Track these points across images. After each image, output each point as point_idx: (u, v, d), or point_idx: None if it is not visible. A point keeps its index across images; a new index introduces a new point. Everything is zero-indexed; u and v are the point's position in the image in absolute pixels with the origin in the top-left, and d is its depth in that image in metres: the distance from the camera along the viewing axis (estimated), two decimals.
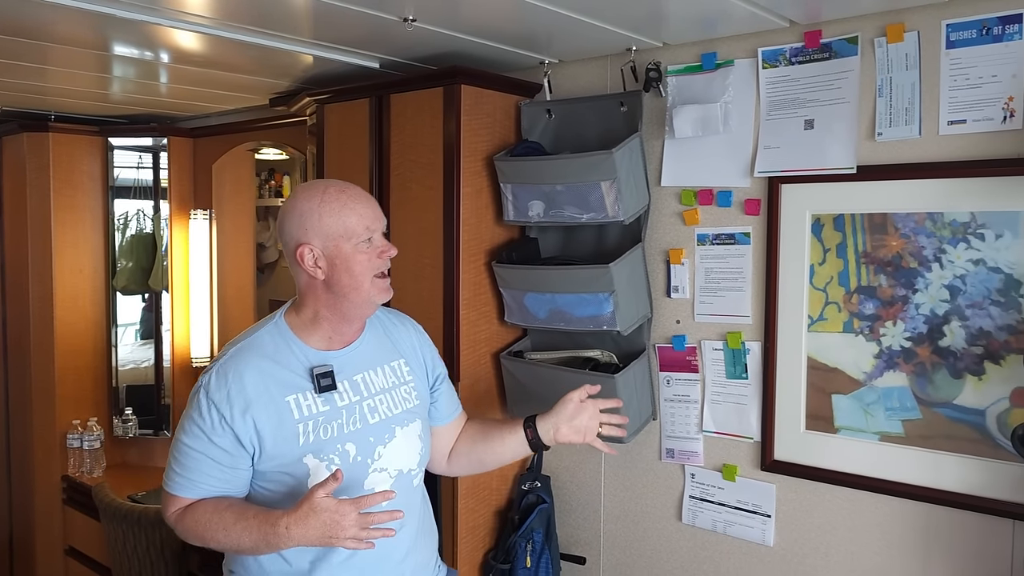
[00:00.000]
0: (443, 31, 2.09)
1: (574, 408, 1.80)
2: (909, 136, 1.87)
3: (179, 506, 1.58)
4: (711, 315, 2.19)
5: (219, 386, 1.55)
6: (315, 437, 1.56)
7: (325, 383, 1.59)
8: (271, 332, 1.63)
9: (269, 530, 1.46)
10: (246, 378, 1.55)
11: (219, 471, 1.55)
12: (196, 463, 1.55)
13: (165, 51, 2.43)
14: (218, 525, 1.52)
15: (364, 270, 1.59)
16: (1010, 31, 1.74)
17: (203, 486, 1.56)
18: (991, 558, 1.82)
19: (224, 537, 1.51)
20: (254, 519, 1.49)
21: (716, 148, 2.15)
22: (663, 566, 2.33)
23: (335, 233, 1.57)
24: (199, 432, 1.54)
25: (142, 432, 3.68)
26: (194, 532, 1.56)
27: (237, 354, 1.59)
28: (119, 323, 3.71)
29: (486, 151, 2.35)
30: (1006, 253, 1.77)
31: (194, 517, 1.55)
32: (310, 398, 1.58)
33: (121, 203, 3.68)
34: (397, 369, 1.74)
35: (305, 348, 1.62)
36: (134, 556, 2.84)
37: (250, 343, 1.61)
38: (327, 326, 1.64)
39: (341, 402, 1.61)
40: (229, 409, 1.53)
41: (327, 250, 1.58)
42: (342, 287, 1.59)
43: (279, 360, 1.59)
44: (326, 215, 1.58)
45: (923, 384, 1.88)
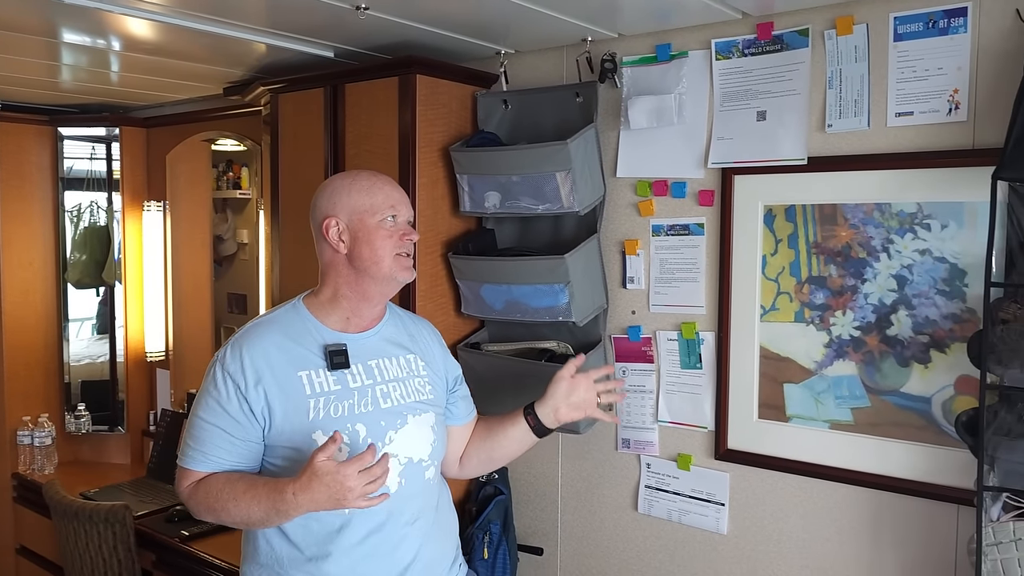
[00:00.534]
0: (397, 20, 2.07)
1: (568, 386, 1.84)
2: (858, 128, 1.89)
3: (192, 479, 1.59)
4: (666, 306, 2.21)
5: (233, 358, 1.58)
6: (325, 414, 1.57)
7: (338, 360, 1.62)
8: (288, 312, 1.68)
9: (277, 497, 1.47)
10: (259, 351, 1.59)
11: (231, 444, 1.57)
12: (210, 436, 1.57)
13: (116, 38, 2.38)
14: (229, 496, 1.53)
15: (385, 245, 1.64)
16: (955, 24, 1.77)
17: (216, 459, 1.58)
18: (937, 542, 1.85)
19: (234, 508, 1.53)
20: (263, 487, 1.50)
21: (670, 139, 2.16)
22: (619, 555, 2.34)
23: (361, 208, 1.64)
24: (214, 404, 1.57)
25: (96, 428, 3.61)
26: (205, 504, 1.57)
27: (253, 329, 1.63)
28: (72, 317, 3.64)
29: (442, 142, 2.33)
30: (951, 243, 1.80)
31: (206, 489, 1.57)
32: (322, 375, 1.60)
33: (74, 195, 3.60)
34: (412, 362, 1.76)
35: (321, 327, 1.65)
36: (86, 554, 2.78)
37: (267, 319, 1.66)
38: (346, 305, 1.67)
39: (354, 383, 1.63)
40: (243, 380, 1.56)
41: (351, 224, 1.64)
42: (363, 261, 1.63)
43: (294, 337, 1.62)
44: (355, 192, 1.65)
45: (871, 372, 1.91)
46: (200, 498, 1.58)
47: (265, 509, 1.49)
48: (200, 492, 1.58)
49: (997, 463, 1.61)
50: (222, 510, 1.55)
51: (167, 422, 3.38)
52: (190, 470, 1.60)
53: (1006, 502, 1.61)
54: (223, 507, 1.54)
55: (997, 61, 1.73)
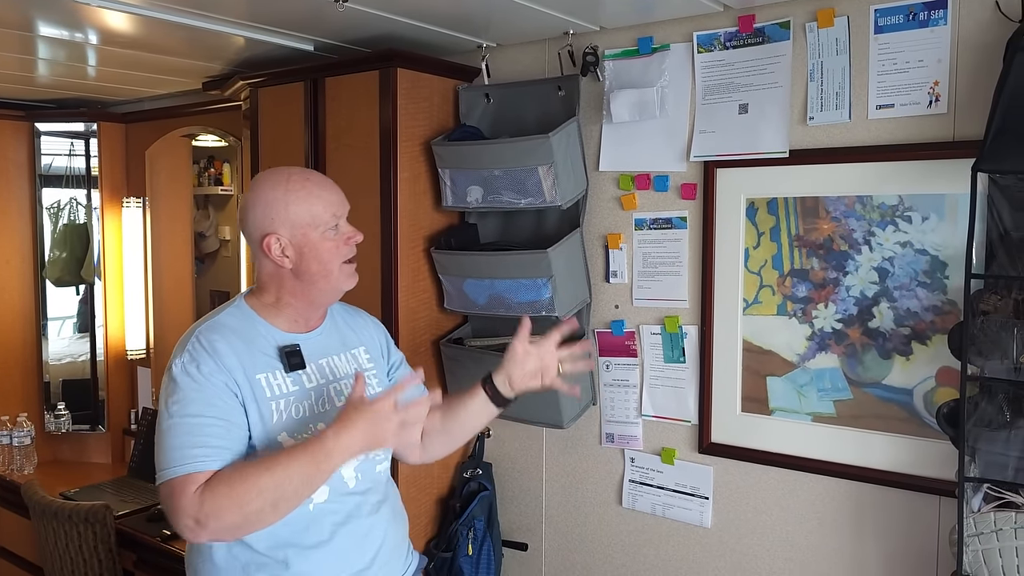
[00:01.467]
0: (377, 12, 2.05)
1: (521, 355, 1.76)
2: (839, 120, 1.89)
3: (198, 484, 1.40)
4: (649, 299, 2.20)
5: (199, 355, 1.49)
6: (287, 416, 1.54)
7: (295, 361, 1.58)
8: (233, 314, 1.60)
9: (316, 448, 1.41)
10: (221, 350, 1.50)
11: (229, 431, 1.46)
12: (209, 430, 1.44)
13: (93, 32, 2.34)
14: (257, 469, 1.39)
15: (333, 257, 1.59)
16: (935, 16, 1.77)
17: (222, 451, 1.44)
18: (919, 533, 1.86)
19: (269, 479, 1.38)
20: (296, 449, 1.42)
21: (653, 133, 2.15)
22: (604, 550, 2.34)
23: (302, 222, 1.56)
24: (197, 397, 1.45)
25: (76, 427, 3.57)
26: (227, 495, 1.38)
27: (205, 332, 1.54)
28: (52, 316, 3.59)
29: (423, 136, 2.32)
30: (932, 235, 1.80)
31: (223, 478, 1.40)
32: (280, 377, 1.56)
33: (53, 191, 3.55)
34: (358, 356, 1.74)
35: (272, 329, 1.61)
36: (66, 555, 2.75)
37: (216, 323, 1.57)
38: (291, 311, 1.63)
39: (309, 383, 1.60)
40: (219, 370, 1.48)
41: (295, 239, 1.57)
42: (311, 275, 1.59)
43: (246, 339, 1.56)
44: (292, 204, 1.56)
45: (853, 365, 1.91)
46: (220, 492, 1.38)
47: (305, 468, 1.39)
48: (217, 486, 1.39)
49: (978, 454, 1.62)
50: (252, 489, 1.37)
51: (148, 421, 3.34)
52: (196, 473, 1.40)
53: (987, 493, 1.62)
54: (253, 484, 1.37)
55: (977, 53, 1.73)
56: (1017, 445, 1.58)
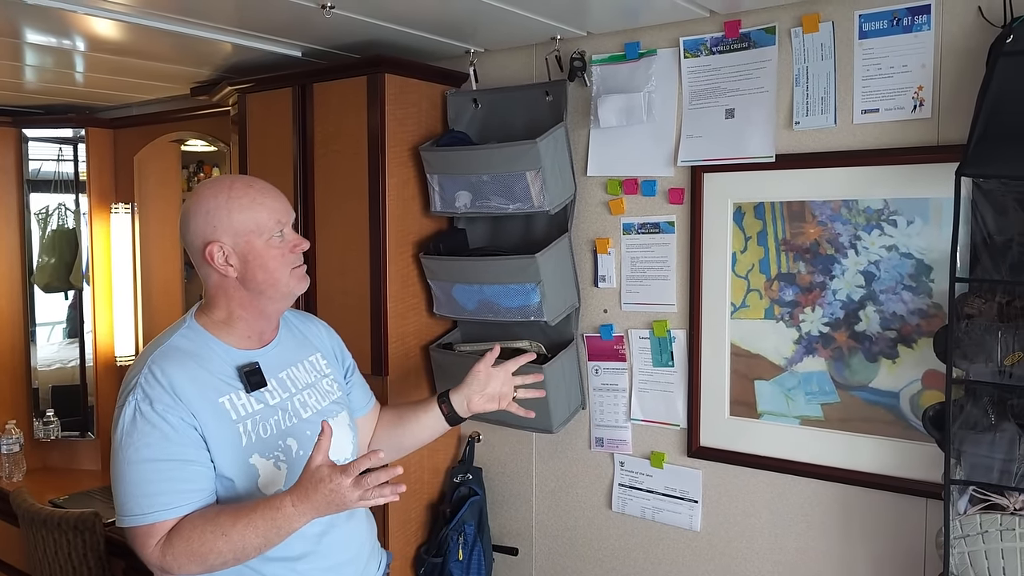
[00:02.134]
0: (363, 18, 2.05)
1: (484, 377, 1.81)
2: (825, 125, 1.90)
3: (161, 535, 1.40)
4: (637, 304, 2.21)
5: (152, 390, 1.44)
6: (256, 436, 1.51)
7: (255, 380, 1.54)
8: (186, 336, 1.55)
9: (277, 515, 1.39)
10: (176, 380, 1.45)
11: (196, 472, 1.43)
12: (169, 473, 1.41)
13: (81, 39, 2.33)
14: (214, 533, 1.39)
15: (279, 265, 1.55)
16: (919, 22, 1.78)
17: (186, 497, 1.42)
18: (907, 535, 1.87)
19: (225, 543, 1.39)
20: (254, 511, 1.40)
21: (640, 138, 2.16)
22: (594, 554, 2.34)
23: (245, 229, 1.52)
24: (157, 440, 1.41)
25: (66, 434, 3.55)
26: (187, 553, 1.39)
27: (158, 360, 1.48)
28: (41, 322, 3.57)
29: (412, 141, 2.32)
30: (917, 239, 1.81)
31: (183, 536, 1.40)
32: (243, 397, 1.52)
33: (42, 197, 3.53)
34: (316, 363, 1.72)
35: (227, 348, 1.56)
36: (55, 563, 2.74)
37: (166, 349, 1.51)
38: (243, 326, 1.58)
39: (273, 400, 1.57)
40: (175, 405, 1.43)
41: (238, 247, 1.53)
42: (257, 283, 1.55)
43: (202, 362, 1.51)
44: (235, 211, 1.52)
45: (840, 368, 1.92)
46: (180, 550, 1.39)
47: (264, 532, 1.39)
48: (177, 543, 1.40)
49: (963, 457, 1.63)
50: (211, 552, 1.39)
51: None
52: (159, 523, 1.40)
53: (973, 495, 1.63)
54: (211, 547, 1.39)
55: (960, 58, 1.74)
56: (1002, 447, 1.59)
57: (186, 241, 1.57)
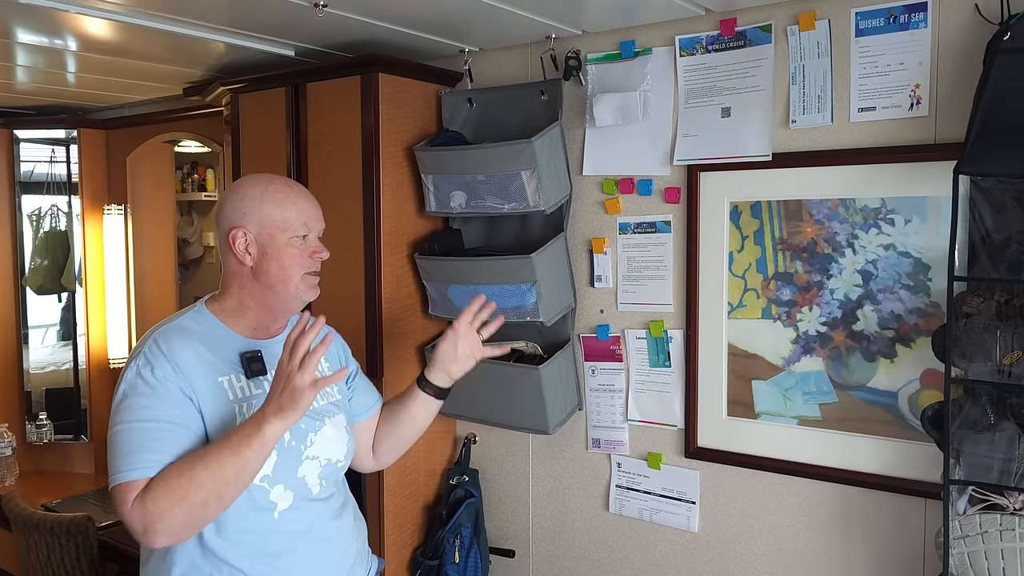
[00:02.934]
0: (357, 17, 2.03)
1: (449, 345, 1.77)
2: (822, 123, 1.89)
3: (138, 490, 1.38)
4: (634, 304, 2.19)
5: (155, 358, 1.46)
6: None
7: (256, 367, 1.56)
8: (194, 318, 1.58)
9: (246, 427, 1.39)
10: (179, 353, 1.47)
11: (184, 435, 1.43)
12: (160, 434, 1.41)
13: (73, 38, 2.32)
14: (192, 462, 1.37)
15: (294, 264, 1.57)
16: (916, 19, 1.77)
17: (168, 458, 1.40)
18: (906, 535, 1.86)
19: (203, 470, 1.36)
20: (227, 436, 1.40)
21: (636, 137, 2.15)
22: (591, 556, 2.33)
23: (272, 222, 1.55)
24: (151, 402, 1.42)
25: (59, 437, 3.53)
26: (167, 493, 1.36)
27: (164, 335, 1.51)
28: (34, 324, 3.55)
29: (406, 141, 2.30)
30: (915, 238, 1.80)
31: (161, 476, 1.37)
32: (242, 380, 1.54)
33: (34, 199, 3.51)
34: (319, 364, 1.70)
35: (232, 334, 1.58)
36: (48, 567, 2.72)
37: (173, 326, 1.54)
38: (251, 316, 1.61)
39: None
40: (174, 375, 1.45)
41: (260, 237, 1.56)
42: (269, 277, 1.57)
43: (205, 343, 1.53)
44: (267, 203, 1.56)
45: (838, 368, 1.91)
46: (159, 492, 1.36)
47: (235, 448, 1.37)
48: (156, 486, 1.37)
49: (963, 456, 1.62)
50: (191, 484, 1.36)
51: None
52: (139, 480, 1.38)
53: (972, 495, 1.62)
54: (190, 478, 1.36)
55: (957, 55, 1.73)
56: (1001, 447, 1.58)
57: (216, 223, 1.60)
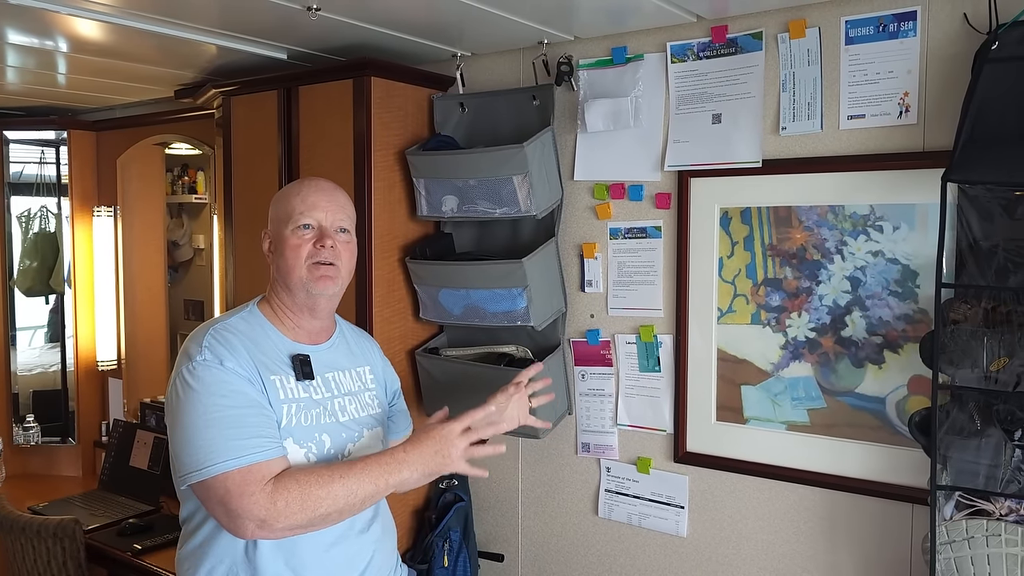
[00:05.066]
0: (350, 21, 2.04)
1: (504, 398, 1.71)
2: (811, 130, 1.91)
3: (263, 478, 1.38)
4: (624, 309, 2.20)
5: (219, 351, 1.47)
6: (297, 421, 1.52)
7: (306, 370, 1.58)
8: (245, 319, 1.60)
9: (389, 459, 1.47)
10: (238, 348, 1.50)
11: (270, 419, 1.46)
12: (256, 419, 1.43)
13: (63, 40, 2.31)
14: (331, 475, 1.41)
15: (295, 254, 1.58)
16: (905, 28, 1.79)
17: (276, 442, 1.43)
18: (892, 540, 1.87)
19: (340, 487, 1.41)
20: (369, 458, 1.47)
21: (627, 142, 2.15)
22: (580, 560, 2.33)
23: (278, 217, 1.62)
24: (237, 390, 1.44)
25: (46, 440, 3.51)
26: (301, 496, 1.38)
27: (220, 331, 1.52)
28: (22, 326, 3.54)
29: (398, 145, 2.30)
30: (903, 245, 1.82)
31: (297, 479, 1.40)
32: (292, 382, 1.55)
33: (24, 200, 3.50)
34: (363, 375, 1.73)
35: (281, 337, 1.61)
36: (34, 570, 2.70)
37: (226, 324, 1.56)
38: (289, 317, 1.63)
39: (316, 395, 1.59)
40: (240, 366, 1.47)
41: (273, 234, 1.64)
42: (280, 271, 1.61)
43: (257, 342, 1.55)
44: (278, 201, 1.64)
45: (827, 373, 1.92)
46: (293, 493, 1.38)
47: (374, 477, 1.44)
48: (291, 486, 1.38)
49: (950, 462, 1.63)
50: (325, 495, 1.39)
51: (119, 433, 3.29)
52: (259, 464, 1.38)
53: (959, 501, 1.63)
54: (327, 490, 1.39)
55: (945, 64, 1.75)
56: (988, 453, 1.59)
57: None
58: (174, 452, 1.45)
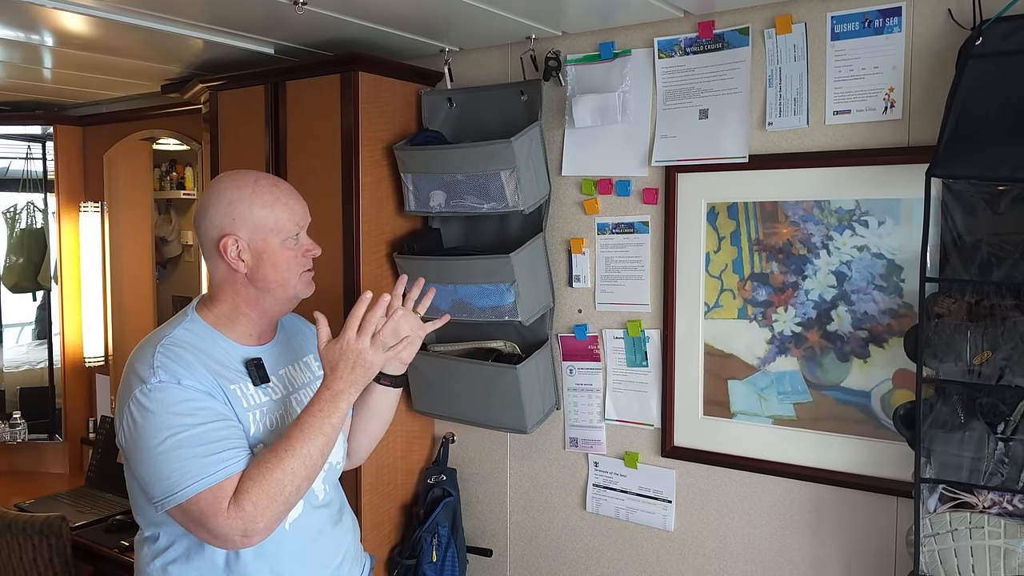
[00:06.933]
0: (336, 15, 2.03)
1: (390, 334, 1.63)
2: (798, 126, 1.91)
3: (228, 495, 1.35)
4: (612, 304, 2.21)
5: (173, 369, 1.40)
6: (263, 427, 1.51)
7: (262, 374, 1.54)
8: (189, 329, 1.51)
9: (321, 407, 1.43)
10: (191, 363, 1.44)
11: (237, 430, 1.42)
12: (221, 432, 1.39)
13: (49, 34, 2.29)
14: (279, 456, 1.37)
15: (291, 267, 1.55)
16: (890, 24, 1.80)
17: (242, 453, 1.40)
18: (877, 533, 1.88)
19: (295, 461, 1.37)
20: (299, 420, 1.42)
21: (615, 137, 2.16)
22: (568, 555, 2.34)
23: (265, 226, 1.51)
24: (199, 408, 1.39)
25: (33, 437, 3.50)
26: (264, 490, 1.35)
27: (167, 347, 1.45)
28: (8, 322, 3.53)
29: (386, 140, 2.30)
30: (888, 239, 1.83)
31: (252, 478, 1.36)
32: (250, 388, 1.51)
33: (10, 196, 3.48)
34: (310, 364, 1.71)
35: (230, 342, 1.54)
36: (20, 567, 2.68)
37: (172, 339, 1.47)
38: (247, 322, 1.57)
39: (275, 395, 1.57)
40: (197, 381, 1.42)
41: (254, 243, 1.51)
42: (267, 283, 1.53)
43: (208, 353, 1.49)
44: (257, 207, 1.51)
45: (813, 368, 1.93)
46: (255, 492, 1.35)
47: (317, 428, 1.40)
48: (251, 488, 1.35)
49: (933, 455, 1.64)
50: (285, 476, 1.36)
51: (107, 430, 3.28)
52: (227, 481, 1.35)
53: (942, 493, 1.64)
54: (285, 471, 1.36)
55: (930, 60, 1.76)
56: (971, 446, 1.60)
57: (200, 230, 1.54)
58: (142, 479, 1.40)
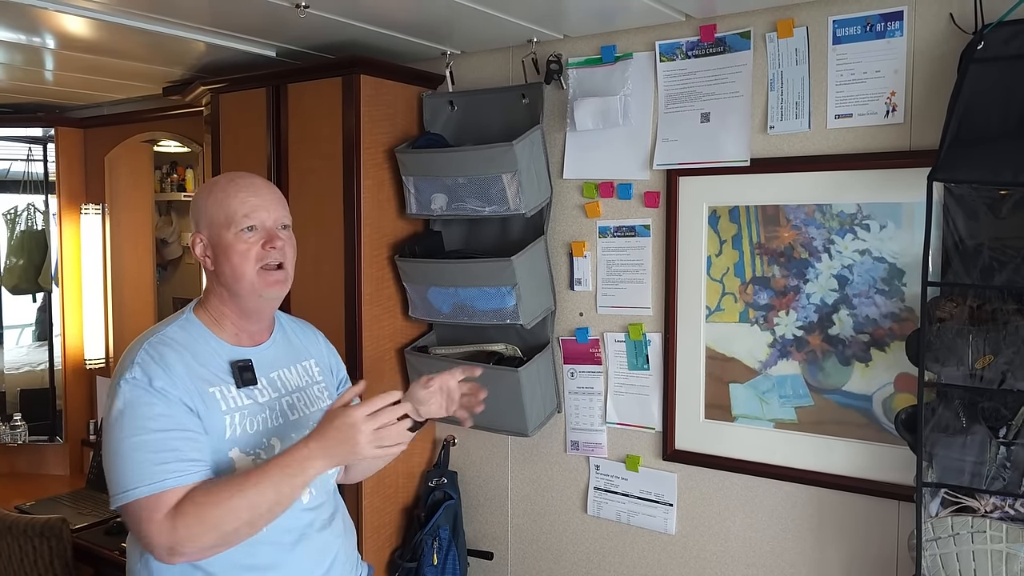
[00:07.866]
0: (339, 19, 2.03)
1: (425, 395, 1.65)
2: (799, 129, 1.92)
3: (168, 506, 1.34)
4: (613, 307, 2.21)
5: (150, 369, 1.43)
6: (241, 431, 1.50)
7: (247, 376, 1.54)
8: (182, 327, 1.55)
9: (290, 460, 1.37)
10: (172, 363, 1.45)
11: (198, 445, 1.41)
12: (175, 443, 1.38)
13: (51, 36, 2.30)
14: (229, 490, 1.35)
15: (243, 260, 1.53)
16: (892, 28, 1.80)
17: (193, 467, 1.38)
18: (879, 538, 1.88)
19: (240, 500, 1.35)
20: (267, 464, 1.38)
21: (616, 141, 2.16)
22: (569, 558, 2.34)
23: (218, 221, 1.54)
24: (159, 414, 1.39)
25: (33, 438, 3.49)
26: (200, 519, 1.34)
27: (154, 345, 1.48)
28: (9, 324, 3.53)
29: (387, 143, 2.30)
30: (890, 243, 1.83)
31: (195, 501, 1.35)
32: (233, 391, 1.51)
33: (10, 197, 3.48)
34: (308, 369, 1.70)
35: (220, 342, 1.56)
36: (21, 569, 2.68)
37: (162, 336, 1.51)
38: (230, 323, 1.58)
39: (262, 398, 1.56)
40: (173, 385, 1.42)
41: (212, 239, 1.54)
42: (226, 278, 1.54)
43: (195, 353, 1.50)
44: (212, 204, 1.55)
45: (814, 371, 1.93)
46: (191, 517, 1.34)
47: (275, 482, 1.36)
48: (189, 509, 1.34)
49: (935, 459, 1.64)
50: (226, 512, 1.34)
51: None
52: (168, 492, 1.34)
53: (944, 497, 1.64)
54: (227, 507, 1.34)
55: (932, 64, 1.76)
56: (973, 450, 1.60)
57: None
58: (105, 469, 1.42)
